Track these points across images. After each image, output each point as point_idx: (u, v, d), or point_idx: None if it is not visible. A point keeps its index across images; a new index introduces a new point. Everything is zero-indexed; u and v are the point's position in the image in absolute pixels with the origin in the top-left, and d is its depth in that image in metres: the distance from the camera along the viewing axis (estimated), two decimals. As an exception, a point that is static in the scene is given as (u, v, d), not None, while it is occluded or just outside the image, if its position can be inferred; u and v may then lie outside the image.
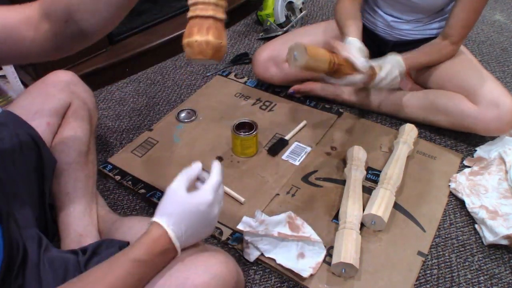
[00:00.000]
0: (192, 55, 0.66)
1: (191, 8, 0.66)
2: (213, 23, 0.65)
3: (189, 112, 1.48)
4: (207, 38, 0.64)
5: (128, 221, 0.95)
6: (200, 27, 0.65)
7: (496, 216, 1.10)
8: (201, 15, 0.65)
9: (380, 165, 1.27)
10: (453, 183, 1.22)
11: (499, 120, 1.22)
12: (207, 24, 0.65)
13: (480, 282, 1.02)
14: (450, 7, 1.30)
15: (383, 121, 1.46)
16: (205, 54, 0.65)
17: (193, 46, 0.65)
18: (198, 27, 0.65)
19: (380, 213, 1.06)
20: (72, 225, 0.93)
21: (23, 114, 0.89)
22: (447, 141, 1.39)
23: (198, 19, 0.65)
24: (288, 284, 1.00)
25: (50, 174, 0.90)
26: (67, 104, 0.98)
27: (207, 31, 0.64)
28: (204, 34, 0.64)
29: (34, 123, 0.89)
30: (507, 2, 2.21)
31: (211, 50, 0.65)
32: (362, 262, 1.02)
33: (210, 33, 0.64)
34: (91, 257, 0.76)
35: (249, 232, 1.02)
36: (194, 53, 0.65)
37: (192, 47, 0.65)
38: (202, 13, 0.65)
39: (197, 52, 0.65)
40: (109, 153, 1.35)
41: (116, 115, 1.51)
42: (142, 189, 1.20)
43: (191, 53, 0.66)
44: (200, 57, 0.65)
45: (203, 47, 0.65)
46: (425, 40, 1.36)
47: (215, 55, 0.66)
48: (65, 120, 0.98)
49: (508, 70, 1.73)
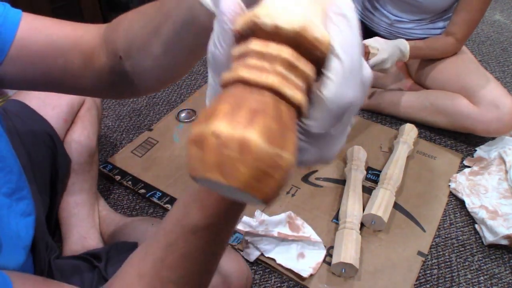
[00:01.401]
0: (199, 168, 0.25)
1: (235, 62, 0.27)
2: (273, 104, 0.25)
3: (189, 112, 1.48)
4: (244, 134, 0.23)
5: (131, 222, 0.95)
6: (237, 105, 0.25)
7: (496, 216, 1.10)
8: (251, 80, 0.25)
9: (380, 165, 1.27)
10: (453, 183, 1.22)
11: (499, 121, 1.22)
12: (257, 104, 0.25)
13: (480, 282, 1.02)
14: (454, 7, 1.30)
15: (383, 121, 1.46)
16: (229, 174, 0.24)
17: (207, 147, 0.24)
18: (233, 105, 0.25)
19: (380, 213, 1.06)
20: (76, 226, 0.92)
21: (40, 106, 0.87)
22: (447, 141, 1.39)
23: (241, 88, 0.26)
24: (288, 284, 1.00)
25: (65, 173, 0.89)
26: (82, 101, 0.97)
27: (251, 119, 0.24)
28: (240, 124, 0.24)
29: (52, 118, 0.88)
30: (507, 2, 2.21)
31: (248, 168, 0.23)
32: (362, 262, 1.02)
33: (257, 124, 0.24)
34: (107, 262, 0.75)
35: (249, 232, 1.02)
36: (204, 165, 0.24)
37: (203, 147, 0.24)
38: (253, 76, 0.25)
39: (212, 163, 0.24)
40: (109, 153, 1.35)
41: (116, 115, 1.51)
42: (142, 189, 1.20)
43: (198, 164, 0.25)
44: (216, 177, 0.24)
45: (229, 154, 0.24)
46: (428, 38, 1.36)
47: (254, 183, 0.24)
48: (79, 118, 0.97)
49: (508, 70, 1.73)
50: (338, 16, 0.26)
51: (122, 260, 0.66)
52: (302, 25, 0.25)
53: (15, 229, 0.55)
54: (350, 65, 0.25)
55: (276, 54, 0.25)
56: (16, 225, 0.56)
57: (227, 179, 0.24)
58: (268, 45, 0.25)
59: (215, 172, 0.24)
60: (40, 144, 0.83)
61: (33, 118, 0.85)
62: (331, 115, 0.26)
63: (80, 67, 0.52)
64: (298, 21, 0.25)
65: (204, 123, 0.25)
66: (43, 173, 0.84)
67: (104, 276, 0.72)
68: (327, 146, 0.29)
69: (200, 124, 0.25)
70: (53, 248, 0.76)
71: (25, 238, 0.58)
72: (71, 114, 0.94)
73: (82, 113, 0.97)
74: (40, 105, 0.87)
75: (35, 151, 0.82)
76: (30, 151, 0.80)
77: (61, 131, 0.90)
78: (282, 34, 0.25)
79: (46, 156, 0.85)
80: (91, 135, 0.97)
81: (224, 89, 0.27)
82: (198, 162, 0.25)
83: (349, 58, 0.25)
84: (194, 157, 0.25)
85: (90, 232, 0.93)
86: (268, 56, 0.25)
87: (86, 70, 0.52)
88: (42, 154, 0.84)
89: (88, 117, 0.98)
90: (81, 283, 0.71)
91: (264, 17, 0.25)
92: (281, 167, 0.24)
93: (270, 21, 0.25)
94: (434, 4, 1.30)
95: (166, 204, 1.15)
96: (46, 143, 0.84)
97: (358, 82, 0.26)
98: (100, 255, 0.76)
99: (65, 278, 0.71)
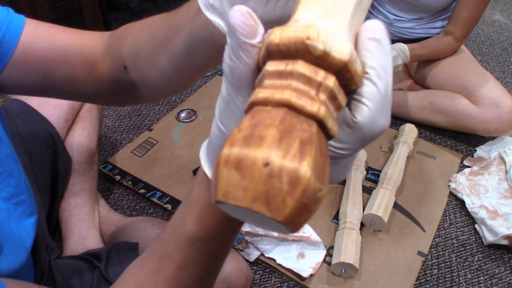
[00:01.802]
0: (238, 195, 0.22)
1: (261, 81, 0.26)
2: (317, 135, 0.23)
3: (189, 112, 1.48)
4: (297, 166, 0.22)
5: (131, 222, 0.95)
6: (287, 133, 0.23)
7: (496, 216, 1.10)
8: (300, 107, 0.24)
9: (380, 165, 1.27)
10: (453, 183, 1.22)
11: (499, 120, 1.22)
12: (305, 134, 0.23)
13: (480, 282, 1.02)
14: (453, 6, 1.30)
15: (383, 121, 1.46)
16: (275, 207, 0.22)
17: (253, 175, 0.22)
18: (282, 132, 0.23)
19: (380, 213, 1.06)
20: (77, 226, 0.92)
21: (41, 105, 0.87)
22: (447, 141, 1.39)
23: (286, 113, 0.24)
24: (288, 284, 1.00)
25: (66, 173, 0.89)
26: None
27: (302, 151, 0.22)
28: (292, 155, 0.22)
29: (53, 118, 0.87)
30: (507, 2, 2.21)
31: (295, 203, 0.22)
32: (362, 262, 1.02)
33: (308, 156, 0.22)
34: (107, 263, 0.75)
35: (249, 232, 1.02)
36: (247, 194, 0.22)
37: (246, 174, 0.22)
38: (303, 103, 0.24)
39: (258, 194, 0.22)
40: (109, 153, 1.35)
41: (116, 115, 1.51)
42: (142, 189, 1.20)
43: (238, 191, 0.22)
44: (260, 208, 0.22)
45: (278, 186, 0.22)
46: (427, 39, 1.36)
47: (296, 218, 0.22)
48: (79, 118, 0.97)
49: (508, 70, 1.73)
50: (371, 42, 0.26)
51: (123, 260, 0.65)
52: (350, 57, 0.24)
53: (15, 231, 0.55)
54: (385, 91, 0.25)
55: (320, 82, 0.24)
56: (16, 228, 0.56)
57: (272, 212, 0.22)
58: (317, 72, 0.24)
59: (260, 203, 0.22)
60: (41, 143, 0.83)
61: (34, 117, 0.85)
62: (362, 140, 0.26)
63: (83, 74, 0.51)
64: (347, 53, 0.24)
65: (245, 146, 0.22)
66: (44, 173, 0.84)
67: (105, 276, 0.72)
68: (342, 169, 0.29)
69: (240, 146, 0.23)
70: (53, 249, 0.76)
71: (25, 241, 0.58)
72: (72, 114, 0.94)
73: (83, 113, 0.97)
74: (41, 105, 0.87)
75: (36, 150, 0.82)
76: (31, 150, 0.80)
77: (62, 131, 0.90)
78: (331, 62, 0.24)
79: (47, 156, 0.85)
80: (91, 135, 0.97)
81: (261, 108, 0.24)
82: (237, 189, 0.22)
83: (384, 84, 0.25)
84: (230, 182, 0.22)
85: (91, 232, 0.93)
86: (314, 82, 0.24)
87: (88, 78, 0.52)
88: (43, 154, 0.84)
89: (89, 117, 0.98)
90: (81, 284, 0.71)
91: (315, 41, 0.24)
92: (319, 201, 0.23)
93: (323, 47, 0.24)
94: (433, 3, 1.30)
95: (166, 204, 1.15)
96: (47, 143, 0.84)
97: (390, 107, 0.26)
98: (100, 255, 0.76)
99: (65, 279, 0.71)
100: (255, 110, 0.24)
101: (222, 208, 0.24)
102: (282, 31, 0.25)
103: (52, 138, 0.85)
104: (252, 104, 0.25)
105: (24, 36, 0.50)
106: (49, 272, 0.70)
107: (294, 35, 0.24)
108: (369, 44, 0.26)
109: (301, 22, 0.25)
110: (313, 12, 0.26)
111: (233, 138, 0.23)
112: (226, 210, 0.25)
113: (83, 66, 0.51)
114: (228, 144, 0.23)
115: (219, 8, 0.36)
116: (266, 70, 0.25)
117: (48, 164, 0.85)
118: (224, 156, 0.23)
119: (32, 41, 0.50)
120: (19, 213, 0.57)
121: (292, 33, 0.24)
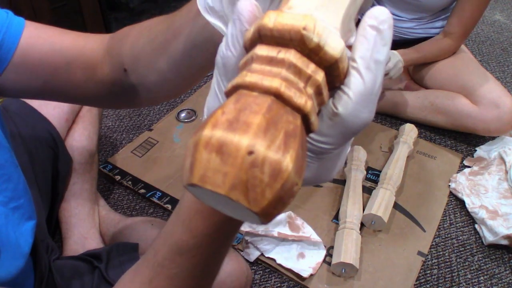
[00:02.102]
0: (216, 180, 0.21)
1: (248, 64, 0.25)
2: (301, 129, 0.23)
3: (189, 112, 1.48)
4: (280, 159, 0.21)
5: (132, 222, 0.95)
6: (273, 123, 0.22)
7: (496, 216, 1.10)
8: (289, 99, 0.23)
9: (380, 165, 1.27)
10: (453, 183, 1.22)
11: (499, 120, 1.22)
12: (290, 126, 0.22)
13: (480, 282, 1.02)
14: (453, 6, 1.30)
15: (383, 121, 1.46)
16: (253, 198, 0.21)
17: (234, 161, 0.21)
18: (268, 122, 0.22)
19: (380, 213, 1.06)
20: (77, 227, 0.92)
21: (41, 105, 0.87)
22: (447, 141, 1.39)
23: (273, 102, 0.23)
24: (288, 284, 1.00)
25: (66, 173, 0.89)
26: None
27: (286, 143, 0.22)
28: (277, 146, 0.21)
29: (53, 118, 0.87)
30: (507, 2, 2.21)
31: (273, 195, 0.21)
32: (362, 262, 1.02)
33: (292, 150, 0.22)
34: (107, 263, 0.74)
35: (249, 232, 1.02)
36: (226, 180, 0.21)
37: (227, 159, 0.21)
38: (292, 94, 0.23)
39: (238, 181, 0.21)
40: (109, 153, 1.35)
41: (116, 115, 1.51)
42: (142, 189, 1.20)
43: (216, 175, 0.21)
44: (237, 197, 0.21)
45: (259, 176, 0.21)
46: (427, 39, 1.36)
47: (271, 210, 0.22)
48: (79, 118, 0.97)
49: (508, 70, 1.73)
50: (371, 30, 0.24)
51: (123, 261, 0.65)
52: (341, 55, 0.23)
53: (13, 237, 0.55)
54: (371, 85, 0.24)
55: (310, 75, 0.23)
56: (14, 233, 0.55)
57: (249, 202, 0.21)
58: (308, 65, 0.23)
59: (239, 191, 0.21)
60: (42, 143, 0.83)
61: (34, 117, 0.85)
62: (344, 133, 0.25)
63: (82, 76, 0.51)
64: (340, 50, 0.23)
65: (229, 130, 0.21)
66: (45, 173, 0.84)
67: (105, 277, 0.72)
68: (328, 165, 0.28)
69: (223, 129, 0.21)
70: (53, 249, 0.76)
71: (24, 245, 0.57)
72: (72, 114, 0.94)
73: (83, 113, 0.97)
74: (42, 105, 0.87)
75: (36, 150, 0.81)
76: (31, 150, 0.80)
77: (62, 131, 0.90)
78: (322, 57, 0.23)
79: (48, 156, 0.85)
80: (92, 135, 0.97)
81: (247, 93, 0.23)
82: (216, 174, 0.21)
83: (372, 77, 0.24)
84: (210, 167, 0.21)
85: (91, 232, 0.93)
86: (303, 74, 0.23)
87: (88, 80, 0.51)
88: (43, 154, 0.84)
89: (89, 117, 0.98)
90: (81, 286, 0.71)
91: (311, 32, 0.23)
92: (294, 195, 0.22)
93: (318, 40, 0.23)
94: (433, 3, 1.30)
95: (166, 204, 1.15)
96: (47, 143, 0.84)
97: (375, 102, 0.25)
98: (100, 255, 0.76)
99: (65, 280, 0.71)
100: (241, 93, 0.23)
101: (193, 191, 0.23)
102: (277, 16, 0.23)
103: (53, 138, 0.85)
104: (237, 86, 0.23)
105: (23, 38, 0.50)
106: (49, 273, 0.70)
107: (290, 23, 0.23)
108: (368, 31, 0.24)
109: (296, 10, 0.24)
110: (309, 2, 0.25)
111: (215, 120, 0.22)
112: (196, 195, 0.23)
113: (83, 68, 0.51)
114: (210, 125, 0.21)
115: (219, 11, 0.36)
116: (255, 53, 0.24)
117: (48, 164, 0.85)
118: (205, 137, 0.21)
119: (32, 44, 0.50)
120: (17, 217, 0.57)
121: (288, 20, 0.23)
